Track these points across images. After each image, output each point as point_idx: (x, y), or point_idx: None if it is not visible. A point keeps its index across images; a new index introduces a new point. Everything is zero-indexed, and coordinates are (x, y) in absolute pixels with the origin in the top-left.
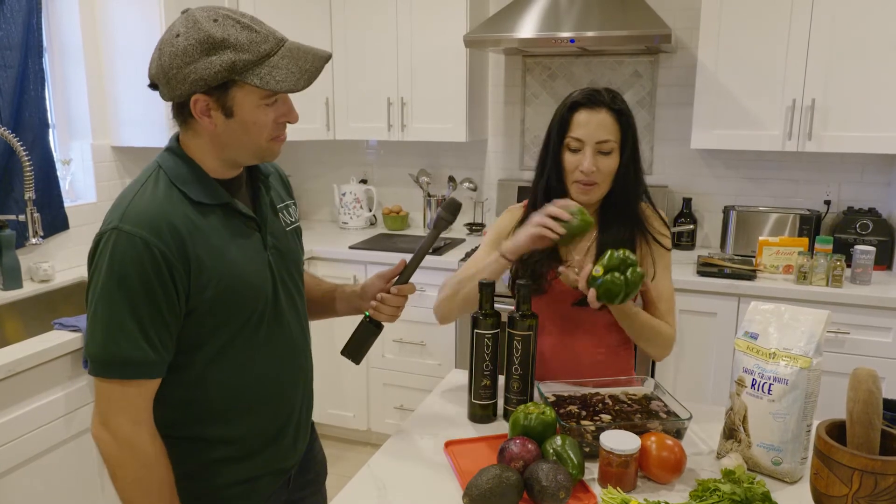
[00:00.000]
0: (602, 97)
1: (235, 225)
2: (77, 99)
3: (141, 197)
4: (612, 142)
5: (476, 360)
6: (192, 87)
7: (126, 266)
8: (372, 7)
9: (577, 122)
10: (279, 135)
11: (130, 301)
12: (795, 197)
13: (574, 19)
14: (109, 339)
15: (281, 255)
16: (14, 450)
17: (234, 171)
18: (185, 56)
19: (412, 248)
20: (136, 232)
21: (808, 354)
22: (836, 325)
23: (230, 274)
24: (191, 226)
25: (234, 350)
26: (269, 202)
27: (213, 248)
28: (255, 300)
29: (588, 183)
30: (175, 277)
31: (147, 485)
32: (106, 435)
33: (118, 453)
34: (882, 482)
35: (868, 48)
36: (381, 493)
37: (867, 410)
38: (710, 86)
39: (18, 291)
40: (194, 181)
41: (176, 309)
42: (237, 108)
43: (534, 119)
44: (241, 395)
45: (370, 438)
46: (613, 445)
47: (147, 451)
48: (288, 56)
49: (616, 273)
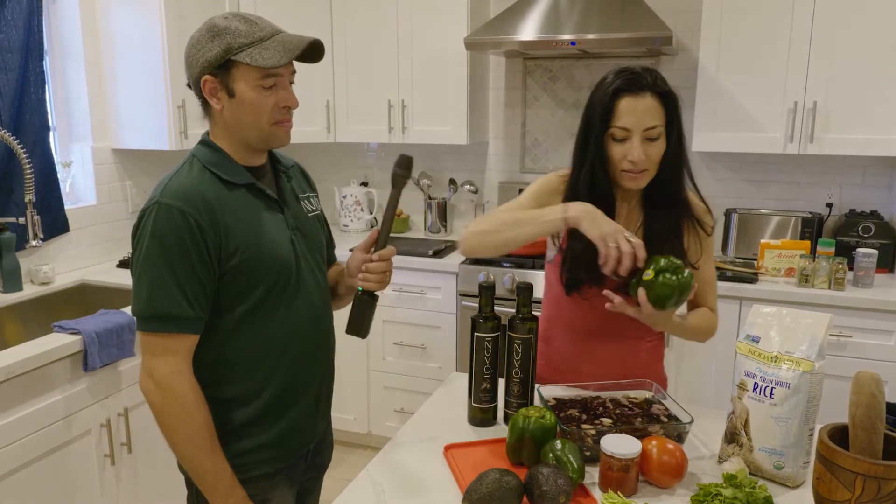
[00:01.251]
0: (645, 80)
1: (260, 204)
2: (77, 101)
3: (178, 177)
4: (660, 126)
5: (476, 364)
6: (201, 70)
7: (166, 233)
8: (373, 9)
9: (622, 109)
10: (282, 119)
11: (170, 263)
12: (797, 200)
13: (575, 21)
14: (153, 297)
15: (303, 236)
16: (13, 452)
17: (256, 158)
18: (197, 44)
19: (412, 251)
20: (174, 203)
21: (810, 358)
22: (838, 329)
23: (256, 243)
24: (221, 200)
25: (261, 312)
26: (290, 189)
27: (240, 220)
28: (279, 270)
29: (637, 171)
30: (208, 243)
31: (189, 429)
32: (150, 384)
33: (161, 400)
34: (885, 487)
35: (870, 51)
36: (380, 496)
37: (870, 414)
38: (712, 88)
39: (18, 294)
40: (224, 165)
41: (210, 271)
42: (237, 87)
43: (534, 121)
44: (266, 354)
45: (371, 441)
46: (614, 449)
47: (187, 397)
48: (279, 41)
49: (667, 275)
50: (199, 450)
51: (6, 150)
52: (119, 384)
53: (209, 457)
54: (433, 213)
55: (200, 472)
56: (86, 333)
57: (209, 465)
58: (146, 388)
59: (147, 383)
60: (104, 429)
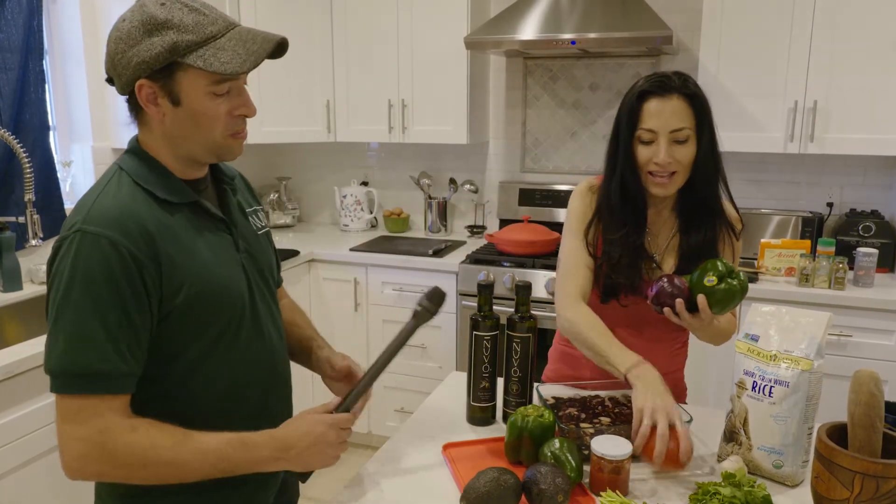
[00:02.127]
0: (673, 82)
1: (204, 225)
2: (78, 101)
3: (104, 197)
4: (688, 129)
5: (475, 363)
6: (135, 72)
7: (92, 269)
8: (373, 9)
9: (648, 111)
10: (237, 130)
11: (97, 307)
12: (798, 199)
13: (575, 21)
14: (74, 350)
15: (253, 258)
16: (13, 451)
17: (196, 170)
18: (129, 39)
19: (412, 251)
20: (102, 232)
21: (809, 357)
22: (838, 328)
23: (204, 275)
24: (159, 224)
25: (213, 359)
26: (236, 204)
27: (184, 248)
28: (232, 304)
29: (664, 175)
30: (146, 279)
31: (165, 469)
32: (85, 465)
33: (112, 470)
34: (884, 486)
35: (870, 50)
36: (378, 495)
37: (869, 413)
38: (712, 88)
39: (18, 293)
40: (158, 180)
41: (147, 315)
42: (184, 95)
43: (535, 121)
44: (221, 409)
45: (371, 441)
46: (605, 451)
47: (136, 443)
48: (236, 38)
49: (730, 280)
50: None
51: (6, 150)
52: None
53: (209, 458)
54: (433, 212)
55: (226, 471)
56: None
57: (222, 464)
58: (84, 470)
59: (81, 465)
60: None
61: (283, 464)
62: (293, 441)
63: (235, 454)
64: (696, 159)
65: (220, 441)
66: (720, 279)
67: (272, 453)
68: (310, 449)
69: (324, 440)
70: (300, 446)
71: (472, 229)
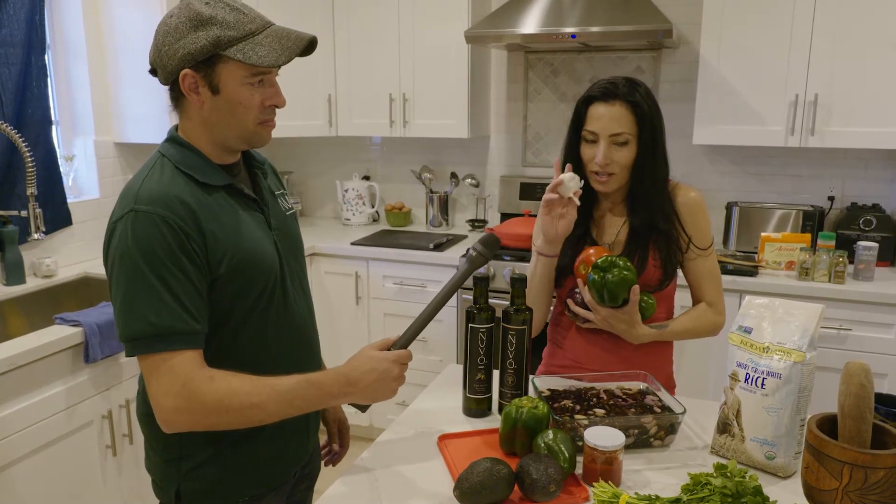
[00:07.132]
0: (619, 89)
1: (240, 205)
2: (80, 95)
3: (149, 181)
4: (627, 133)
5: (471, 355)
6: (180, 63)
7: (151, 242)
8: (374, 3)
9: (592, 115)
10: (267, 119)
11: (161, 276)
12: (799, 193)
13: (576, 15)
14: (151, 314)
15: (284, 237)
16: (16, 443)
17: (230, 156)
18: (176, 33)
19: (413, 244)
20: (153, 210)
21: (801, 349)
22: (838, 322)
23: (242, 248)
24: (200, 204)
25: (250, 326)
26: (267, 187)
27: (223, 224)
28: (266, 275)
29: (604, 174)
30: (196, 249)
31: (249, 413)
32: (178, 417)
33: (203, 418)
34: (872, 476)
35: (872, 43)
36: (373, 485)
37: (858, 404)
38: (713, 81)
39: (21, 287)
40: (197, 164)
41: (204, 280)
42: (223, 84)
43: (536, 115)
44: (257, 372)
45: (372, 434)
46: (598, 442)
47: (218, 389)
48: (272, 35)
49: (607, 274)
50: (273, 408)
51: (9, 144)
52: (120, 376)
53: (284, 397)
54: (434, 206)
55: (301, 409)
56: (87, 325)
57: (297, 401)
58: (175, 422)
59: (171, 417)
60: (106, 420)
61: (351, 398)
62: (359, 376)
63: (308, 392)
64: (636, 161)
65: (291, 382)
66: (603, 274)
67: (341, 388)
68: (375, 384)
69: (388, 375)
70: (366, 380)
71: (474, 223)
